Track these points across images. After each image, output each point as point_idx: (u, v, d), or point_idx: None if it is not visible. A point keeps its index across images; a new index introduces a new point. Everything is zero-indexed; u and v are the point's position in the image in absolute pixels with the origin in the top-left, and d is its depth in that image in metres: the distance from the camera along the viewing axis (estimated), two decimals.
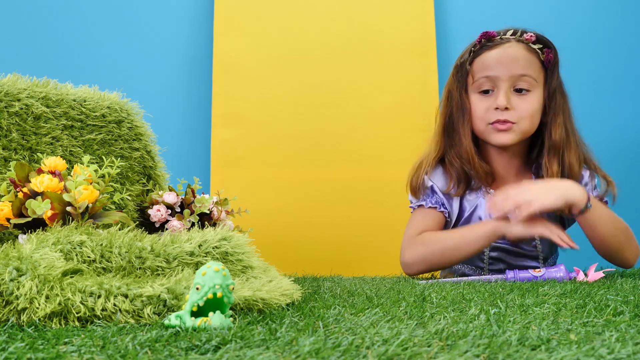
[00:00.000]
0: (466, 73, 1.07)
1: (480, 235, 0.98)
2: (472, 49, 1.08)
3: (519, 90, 1.04)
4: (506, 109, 1.02)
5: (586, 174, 1.08)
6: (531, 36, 1.05)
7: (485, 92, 1.05)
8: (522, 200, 0.93)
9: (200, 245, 0.68)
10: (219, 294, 0.51)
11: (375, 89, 1.54)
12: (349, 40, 1.56)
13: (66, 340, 0.45)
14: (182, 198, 0.99)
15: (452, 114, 1.08)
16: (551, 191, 0.94)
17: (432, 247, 1.01)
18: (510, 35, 1.05)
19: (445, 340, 0.43)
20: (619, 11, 1.61)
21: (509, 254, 1.10)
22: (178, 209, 0.98)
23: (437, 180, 1.09)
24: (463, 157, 1.06)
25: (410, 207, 1.12)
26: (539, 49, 1.05)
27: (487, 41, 1.06)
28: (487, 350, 0.40)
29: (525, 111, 1.03)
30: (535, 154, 1.10)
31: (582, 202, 0.95)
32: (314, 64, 1.55)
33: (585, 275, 0.94)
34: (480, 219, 1.08)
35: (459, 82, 1.08)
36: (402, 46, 1.55)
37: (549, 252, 1.12)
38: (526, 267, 1.06)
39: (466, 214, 1.09)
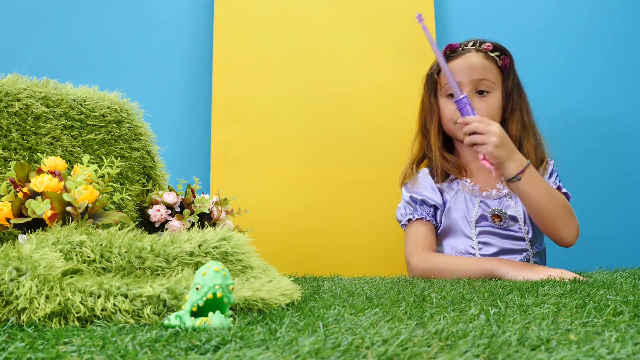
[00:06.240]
0: (435, 81, 1.25)
1: (481, 270, 1.06)
2: None
3: (480, 92, 1.21)
4: None
5: (550, 166, 1.23)
6: (488, 46, 1.22)
7: (452, 95, 1.18)
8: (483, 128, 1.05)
9: (200, 245, 0.68)
10: (218, 294, 0.51)
11: (375, 89, 1.54)
12: (349, 41, 1.56)
13: (66, 340, 0.45)
14: (182, 198, 0.99)
15: (425, 117, 1.27)
16: (504, 150, 1.06)
17: (443, 268, 1.11)
18: (471, 46, 1.22)
19: (445, 341, 0.43)
20: (618, 11, 1.61)
21: (497, 236, 1.18)
22: (178, 209, 0.98)
23: (426, 180, 1.23)
24: (432, 152, 1.24)
25: (402, 224, 1.22)
26: (496, 56, 1.22)
27: (451, 52, 1.23)
28: (487, 351, 0.40)
29: (485, 110, 1.19)
30: None
31: (512, 173, 1.06)
32: (314, 64, 1.55)
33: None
34: (465, 217, 1.20)
35: (429, 89, 1.26)
36: (402, 46, 1.55)
37: (535, 236, 1.19)
38: (515, 250, 1.17)
39: (448, 204, 1.21)
